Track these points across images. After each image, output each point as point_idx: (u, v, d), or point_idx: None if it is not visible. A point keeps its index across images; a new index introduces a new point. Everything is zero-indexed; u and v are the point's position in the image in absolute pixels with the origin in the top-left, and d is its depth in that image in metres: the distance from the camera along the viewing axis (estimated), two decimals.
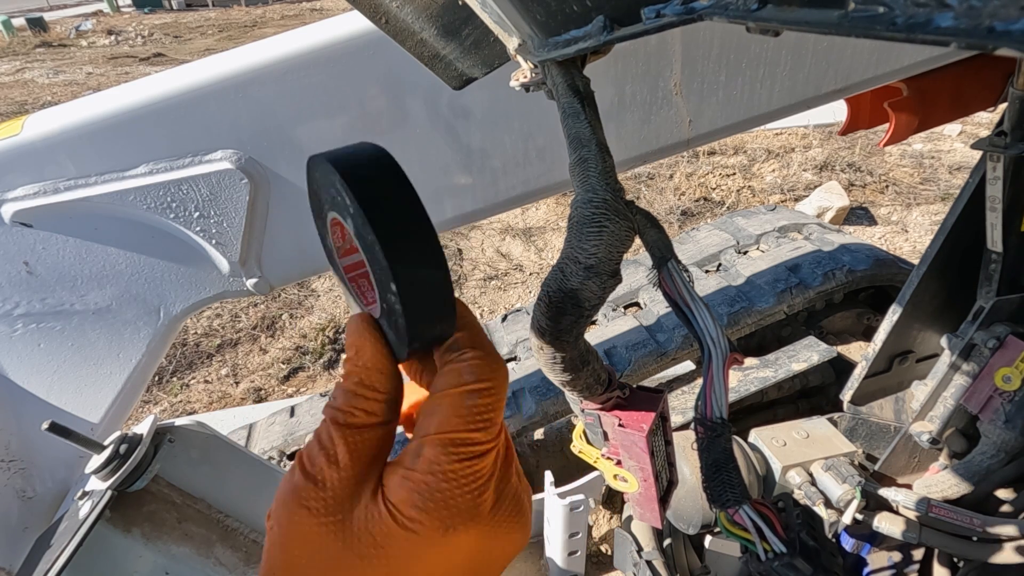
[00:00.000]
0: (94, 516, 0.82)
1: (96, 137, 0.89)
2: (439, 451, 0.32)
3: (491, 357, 0.35)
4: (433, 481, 0.31)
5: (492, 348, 0.36)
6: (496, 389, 0.34)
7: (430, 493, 0.31)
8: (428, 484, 0.31)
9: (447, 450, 0.32)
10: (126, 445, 0.86)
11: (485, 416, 0.33)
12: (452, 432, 0.32)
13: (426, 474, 0.32)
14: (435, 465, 0.32)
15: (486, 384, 0.33)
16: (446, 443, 0.32)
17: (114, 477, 0.84)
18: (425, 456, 0.32)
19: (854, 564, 1.25)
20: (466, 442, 0.32)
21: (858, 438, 1.39)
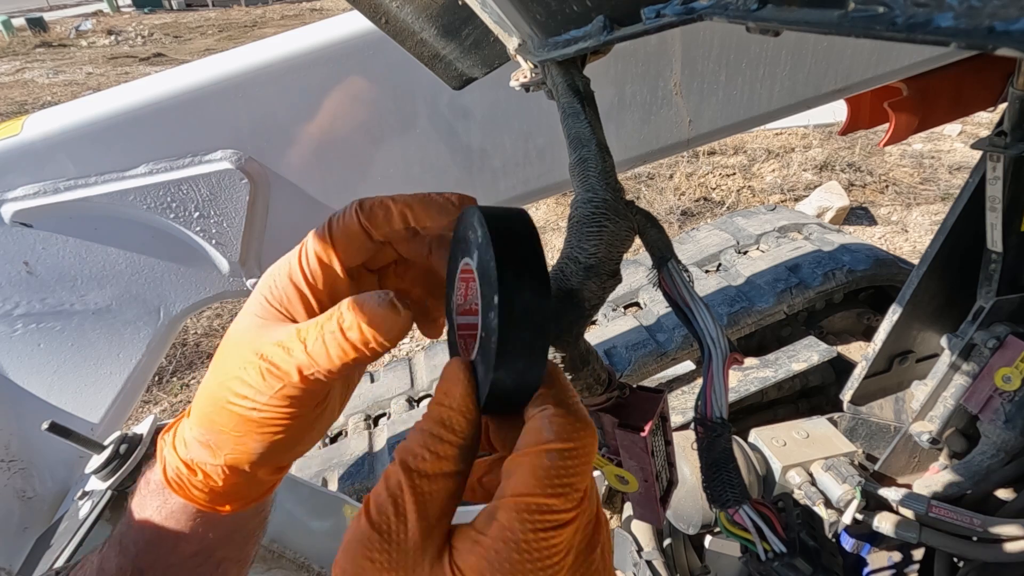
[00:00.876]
0: (94, 516, 0.82)
1: (96, 137, 0.89)
2: (513, 516, 0.29)
3: (576, 415, 0.32)
4: (504, 550, 0.29)
5: (579, 407, 0.34)
6: (580, 451, 0.31)
7: (499, 563, 0.29)
8: (498, 552, 0.29)
9: (521, 516, 0.29)
10: (126, 445, 0.86)
11: (565, 480, 0.30)
12: (528, 496, 0.29)
13: (497, 541, 0.29)
14: (507, 532, 0.29)
15: (567, 444, 0.31)
16: (520, 508, 0.29)
17: (114, 477, 0.84)
18: (498, 520, 0.29)
19: (854, 564, 1.25)
20: (542, 509, 0.29)
21: (858, 438, 1.39)
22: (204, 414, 0.40)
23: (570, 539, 0.30)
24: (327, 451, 1.65)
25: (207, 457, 0.40)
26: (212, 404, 0.39)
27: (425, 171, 1.03)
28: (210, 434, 0.39)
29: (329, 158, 0.97)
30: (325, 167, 0.98)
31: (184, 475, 0.41)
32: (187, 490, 0.41)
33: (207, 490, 0.41)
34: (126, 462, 0.85)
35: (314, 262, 0.39)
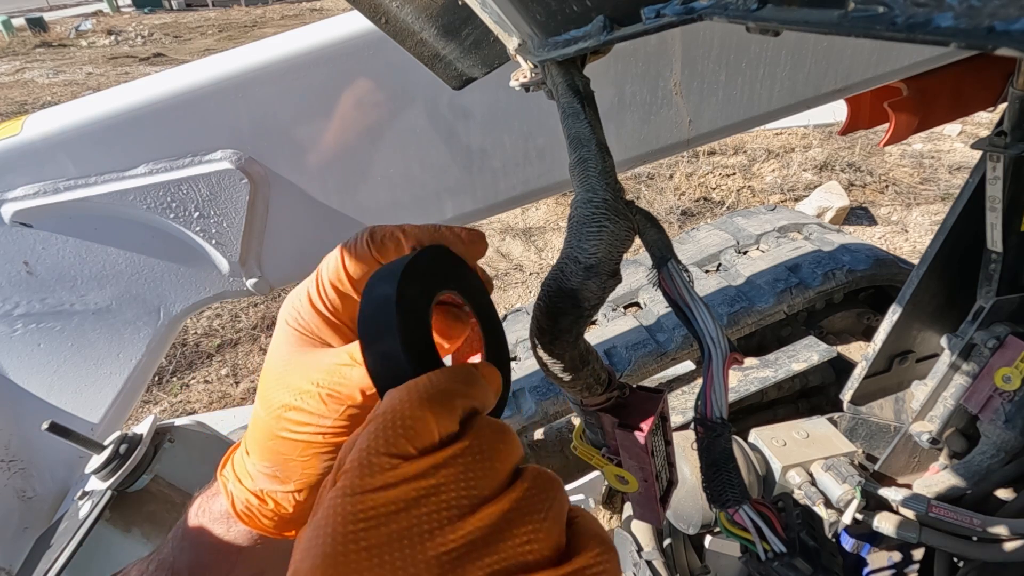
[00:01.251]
0: (94, 516, 0.82)
1: (96, 137, 0.89)
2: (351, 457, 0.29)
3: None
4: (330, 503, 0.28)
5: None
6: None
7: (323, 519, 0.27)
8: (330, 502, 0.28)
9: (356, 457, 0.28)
10: (126, 445, 0.87)
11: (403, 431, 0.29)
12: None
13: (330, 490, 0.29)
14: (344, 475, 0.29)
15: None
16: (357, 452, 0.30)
17: (114, 477, 0.84)
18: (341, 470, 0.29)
19: (854, 564, 1.25)
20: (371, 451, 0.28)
21: (858, 438, 1.39)
22: (266, 448, 0.41)
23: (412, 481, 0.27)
24: None
25: (276, 486, 0.41)
26: (271, 437, 0.40)
27: (425, 171, 1.03)
28: (275, 465, 0.41)
29: (329, 158, 0.98)
30: (325, 167, 0.98)
31: (255, 506, 0.42)
32: (256, 520, 0.43)
33: (276, 518, 0.43)
34: (126, 462, 0.85)
35: (331, 292, 0.41)
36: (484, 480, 0.28)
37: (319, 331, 0.41)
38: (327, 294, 0.41)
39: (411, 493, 0.26)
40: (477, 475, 0.28)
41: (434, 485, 0.27)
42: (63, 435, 0.81)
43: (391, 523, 0.25)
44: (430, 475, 0.27)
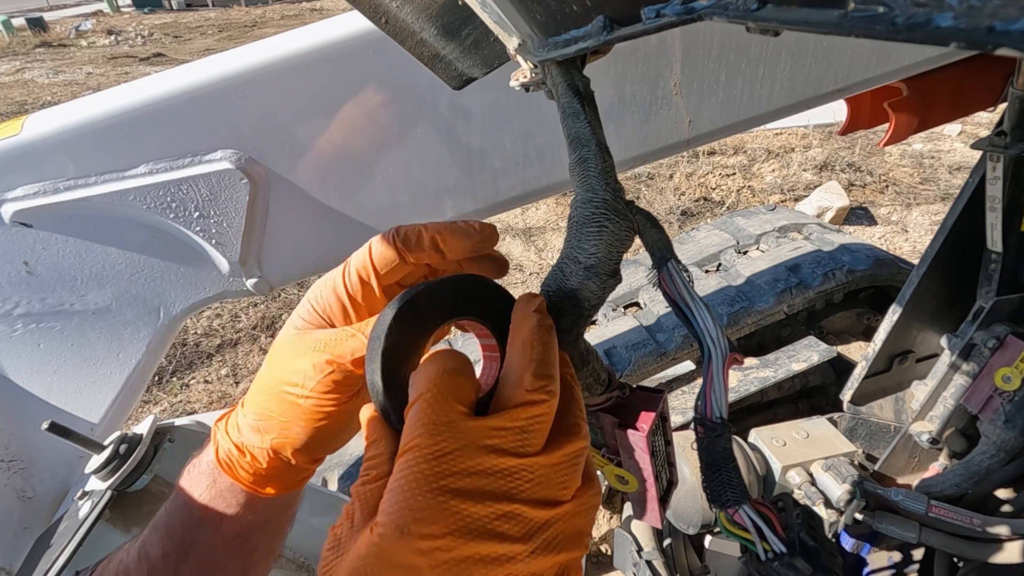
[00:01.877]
0: (94, 516, 0.82)
1: (96, 137, 0.89)
2: (405, 459, 0.32)
3: (426, 364, 0.36)
4: (403, 482, 0.31)
5: (430, 359, 0.37)
6: (431, 392, 0.34)
7: (399, 495, 0.31)
8: (399, 486, 0.31)
9: (410, 457, 0.31)
10: (126, 445, 0.87)
11: (425, 420, 0.33)
12: (411, 442, 0.32)
13: (397, 479, 0.31)
14: (404, 469, 0.31)
15: (423, 389, 0.34)
16: (408, 450, 0.32)
17: (114, 477, 0.84)
18: (395, 469, 0.32)
19: (854, 564, 1.25)
20: (423, 445, 0.32)
21: (858, 438, 1.39)
22: (257, 402, 0.46)
23: (455, 464, 0.32)
24: None
25: (256, 440, 0.45)
26: (264, 393, 0.45)
27: (425, 171, 1.03)
28: (260, 419, 0.45)
29: (329, 158, 0.98)
30: (325, 167, 0.98)
31: (234, 456, 0.46)
32: (235, 470, 0.46)
33: (252, 471, 0.46)
34: (126, 462, 0.85)
35: (355, 278, 0.45)
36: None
37: (331, 312, 0.45)
38: (350, 279, 0.45)
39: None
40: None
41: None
42: (63, 435, 0.81)
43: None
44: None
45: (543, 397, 0.34)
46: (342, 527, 0.33)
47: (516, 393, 0.34)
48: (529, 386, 0.34)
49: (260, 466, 0.46)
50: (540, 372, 0.35)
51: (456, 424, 0.32)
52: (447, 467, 0.30)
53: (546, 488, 0.32)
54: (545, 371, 0.35)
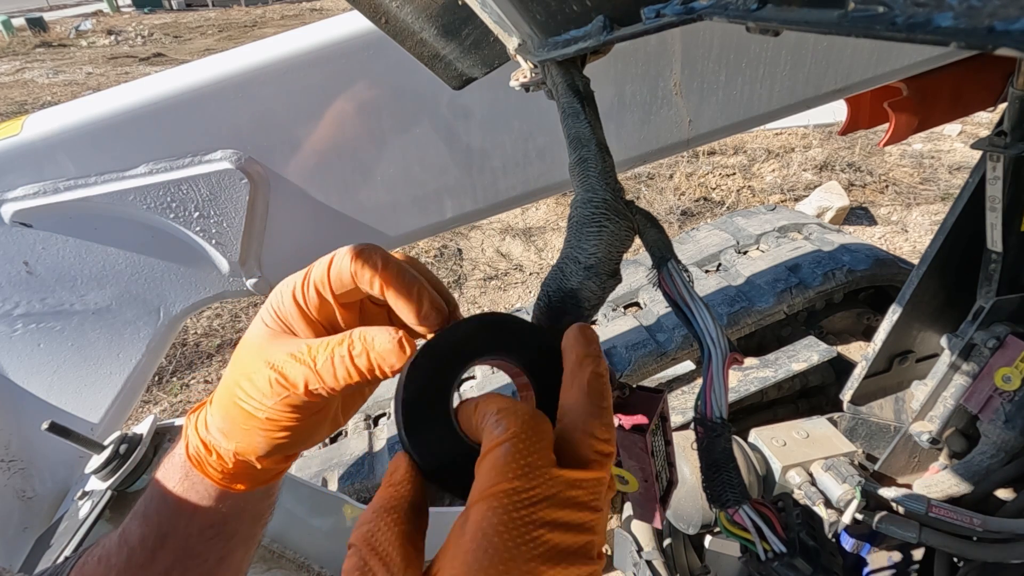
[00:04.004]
0: (94, 516, 0.82)
1: (96, 137, 0.89)
2: (483, 507, 0.30)
3: (515, 407, 0.36)
4: (483, 539, 0.29)
5: (518, 404, 0.37)
6: (530, 434, 0.33)
7: (481, 554, 0.29)
8: (478, 544, 0.30)
9: (491, 504, 0.30)
10: (126, 445, 0.87)
11: (523, 462, 0.32)
12: (493, 487, 0.31)
13: (475, 534, 0.30)
14: (483, 522, 0.30)
15: (516, 431, 0.33)
16: (488, 497, 0.31)
17: (114, 477, 0.84)
18: (471, 518, 0.31)
19: (854, 564, 1.25)
20: (510, 492, 0.31)
21: (858, 438, 1.39)
22: (221, 404, 0.44)
23: (546, 514, 0.31)
24: (327, 451, 1.65)
25: (222, 441, 0.45)
26: (228, 397, 0.44)
27: (425, 171, 1.03)
28: (224, 423, 0.44)
29: (329, 158, 0.98)
30: (325, 167, 0.98)
31: (203, 454, 0.45)
32: (204, 467, 0.46)
33: (221, 470, 0.45)
34: (126, 462, 0.85)
35: (312, 294, 0.43)
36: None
37: (293, 321, 0.44)
38: (308, 293, 0.43)
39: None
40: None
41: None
42: (63, 435, 0.81)
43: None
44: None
45: (612, 449, 0.35)
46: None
47: (585, 443, 0.34)
48: (601, 435, 0.34)
49: (227, 466, 0.45)
50: (608, 422, 0.35)
51: (549, 472, 0.31)
52: (541, 515, 0.30)
53: (601, 542, 0.33)
54: (610, 421, 0.35)
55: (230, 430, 0.44)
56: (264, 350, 0.42)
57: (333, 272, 0.43)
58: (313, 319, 0.43)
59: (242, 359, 0.44)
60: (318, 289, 0.43)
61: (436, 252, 4.34)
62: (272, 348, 0.42)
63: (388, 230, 1.06)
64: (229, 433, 0.44)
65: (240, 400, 0.43)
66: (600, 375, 0.37)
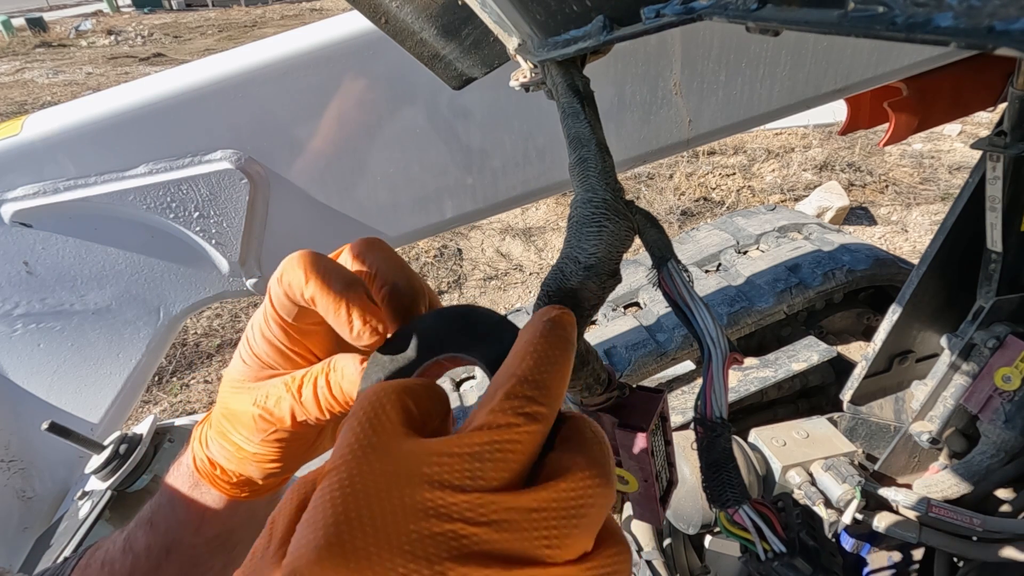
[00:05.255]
0: (94, 516, 0.82)
1: (96, 137, 0.89)
2: (317, 492, 0.26)
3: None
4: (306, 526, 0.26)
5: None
6: (361, 409, 0.29)
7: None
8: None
9: (321, 488, 0.27)
10: (126, 445, 0.87)
11: (350, 438, 0.28)
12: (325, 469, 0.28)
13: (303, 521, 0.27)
14: (311, 507, 0.26)
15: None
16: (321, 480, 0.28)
17: (114, 477, 0.84)
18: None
19: (854, 564, 1.25)
20: (334, 472, 0.26)
21: (858, 438, 1.39)
22: (216, 429, 0.45)
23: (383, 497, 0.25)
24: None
25: (223, 460, 0.45)
26: (219, 424, 0.44)
27: (425, 171, 1.03)
28: (221, 449, 0.45)
29: (329, 158, 0.98)
30: (325, 167, 0.98)
31: (207, 468, 0.46)
32: (212, 479, 0.46)
33: (227, 482, 0.46)
34: (126, 462, 0.85)
35: (275, 326, 0.41)
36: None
37: (269, 356, 0.42)
38: (272, 328, 0.41)
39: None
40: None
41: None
42: (63, 435, 0.81)
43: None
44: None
45: (512, 420, 0.26)
46: (259, 545, 0.27)
47: (478, 413, 0.27)
48: (496, 405, 0.27)
49: (231, 479, 0.45)
50: (516, 391, 0.27)
51: (388, 447, 0.25)
52: (365, 498, 0.23)
53: (511, 539, 0.23)
54: (523, 390, 0.27)
55: (226, 454, 0.44)
56: (245, 393, 0.42)
57: (275, 301, 0.39)
58: (290, 351, 0.41)
59: (227, 395, 0.43)
60: (276, 321, 0.41)
61: (436, 252, 4.34)
62: (253, 391, 0.42)
63: (388, 230, 1.06)
64: (226, 457, 0.44)
65: (232, 434, 0.43)
66: (540, 336, 0.30)
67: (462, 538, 0.23)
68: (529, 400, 0.27)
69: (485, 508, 0.24)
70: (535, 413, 0.27)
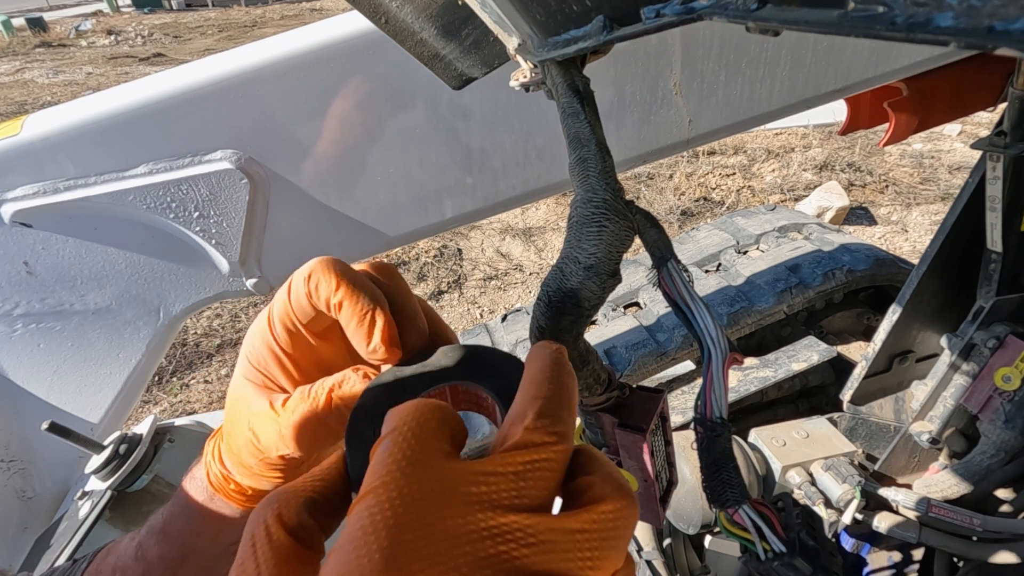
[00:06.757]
0: (94, 516, 0.83)
1: (96, 137, 0.89)
2: (355, 512, 0.26)
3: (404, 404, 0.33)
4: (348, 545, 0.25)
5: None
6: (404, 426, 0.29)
7: None
8: None
9: (361, 507, 0.26)
10: (126, 445, 0.87)
11: (397, 456, 0.28)
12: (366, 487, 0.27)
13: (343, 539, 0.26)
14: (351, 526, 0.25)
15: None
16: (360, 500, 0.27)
17: (114, 477, 0.84)
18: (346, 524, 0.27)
19: (854, 564, 1.25)
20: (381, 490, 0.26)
21: (858, 438, 1.39)
22: (227, 444, 0.44)
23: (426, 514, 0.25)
24: None
25: (235, 474, 0.44)
26: (227, 443, 0.44)
27: (425, 171, 1.03)
28: (231, 461, 0.44)
29: (329, 158, 0.98)
30: (325, 167, 0.98)
31: (222, 481, 0.45)
32: (225, 492, 0.46)
33: (240, 495, 0.45)
34: (126, 462, 0.85)
35: (280, 329, 0.40)
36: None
37: (268, 368, 0.41)
38: (276, 332, 0.41)
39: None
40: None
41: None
42: (63, 435, 0.81)
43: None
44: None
45: (547, 439, 0.27)
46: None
47: (513, 431, 0.27)
48: (530, 424, 0.27)
49: (246, 492, 0.45)
50: (545, 410, 0.28)
51: (433, 465, 0.25)
52: (417, 518, 0.23)
53: (556, 559, 0.23)
54: (552, 410, 0.28)
55: (238, 470, 0.44)
56: (245, 410, 0.41)
57: (293, 300, 0.39)
58: (289, 363, 0.41)
59: (229, 413, 0.43)
60: (285, 325, 0.40)
61: (436, 252, 4.34)
62: (251, 408, 0.41)
63: (388, 230, 1.06)
64: (237, 471, 0.44)
65: (235, 451, 0.43)
66: (552, 364, 0.31)
67: (515, 559, 0.23)
68: (557, 420, 0.28)
69: (533, 528, 0.24)
70: (563, 432, 0.28)
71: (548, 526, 0.24)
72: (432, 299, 3.87)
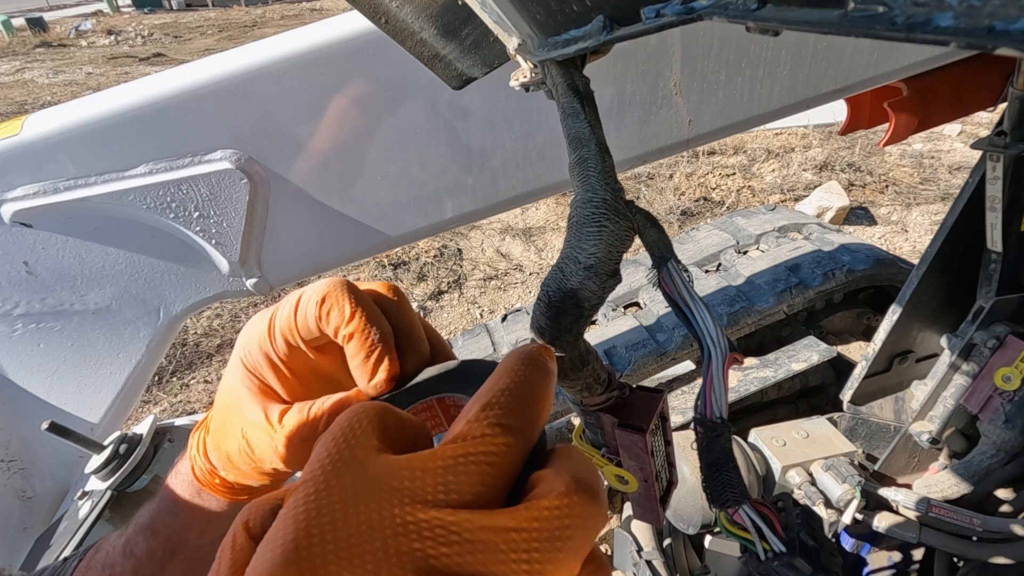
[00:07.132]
0: (94, 516, 0.83)
1: (96, 137, 0.89)
2: (284, 509, 0.25)
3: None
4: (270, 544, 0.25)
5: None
6: (336, 425, 0.28)
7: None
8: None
9: (288, 505, 0.26)
10: (126, 445, 0.87)
11: (323, 454, 0.27)
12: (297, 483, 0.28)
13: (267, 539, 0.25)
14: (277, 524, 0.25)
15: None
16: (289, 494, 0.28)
17: (114, 477, 0.84)
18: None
19: (854, 564, 1.25)
20: (303, 486, 0.26)
21: (858, 438, 1.39)
22: (213, 440, 0.45)
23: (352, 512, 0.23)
24: None
25: (220, 468, 0.45)
26: (214, 439, 0.44)
27: (425, 171, 1.03)
28: (217, 459, 0.44)
29: (329, 158, 0.98)
30: (325, 167, 0.98)
31: (207, 475, 0.45)
32: (211, 485, 0.46)
33: (226, 488, 0.45)
34: (126, 462, 0.85)
35: (280, 341, 0.41)
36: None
37: (263, 373, 0.41)
38: (276, 342, 0.41)
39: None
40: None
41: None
42: (63, 435, 0.81)
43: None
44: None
45: (487, 431, 0.25)
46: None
47: (455, 426, 0.26)
48: (472, 416, 0.26)
49: (232, 486, 0.45)
50: (494, 402, 0.26)
51: (360, 461, 0.24)
52: (330, 511, 0.22)
53: (484, 560, 0.21)
54: (502, 402, 0.26)
55: (224, 465, 0.44)
56: (238, 414, 0.41)
57: (300, 319, 0.40)
58: (283, 369, 0.41)
59: (219, 412, 0.43)
60: (286, 338, 0.40)
61: (436, 252, 4.34)
62: (244, 413, 0.41)
63: (388, 230, 1.06)
64: (223, 466, 0.44)
65: (225, 448, 0.43)
66: (518, 361, 0.29)
67: (431, 557, 0.21)
68: (506, 412, 0.26)
69: (458, 525, 0.22)
70: (511, 425, 0.26)
71: (477, 524, 0.22)
72: (432, 299, 3.87)
